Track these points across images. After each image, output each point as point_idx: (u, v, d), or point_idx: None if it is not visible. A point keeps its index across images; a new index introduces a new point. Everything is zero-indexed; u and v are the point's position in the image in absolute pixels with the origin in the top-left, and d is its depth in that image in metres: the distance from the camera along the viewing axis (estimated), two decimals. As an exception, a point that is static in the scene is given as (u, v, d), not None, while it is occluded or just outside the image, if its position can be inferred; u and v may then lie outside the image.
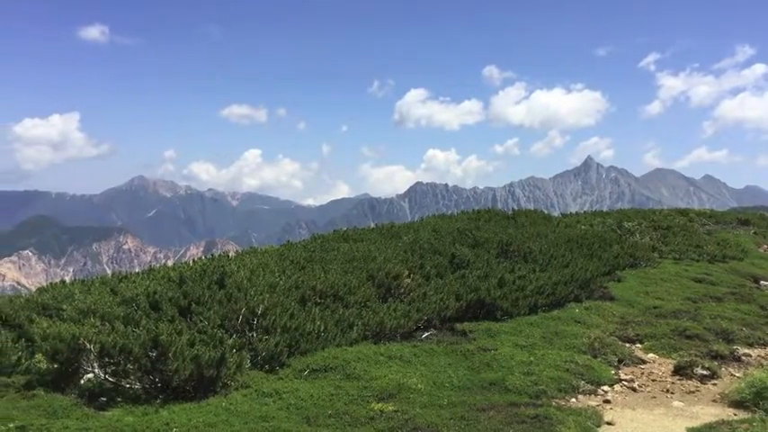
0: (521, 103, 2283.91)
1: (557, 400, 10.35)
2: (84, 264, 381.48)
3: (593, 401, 10.66)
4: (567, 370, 11.63)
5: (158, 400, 9.59)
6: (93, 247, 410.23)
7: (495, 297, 15.11)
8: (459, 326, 14.20)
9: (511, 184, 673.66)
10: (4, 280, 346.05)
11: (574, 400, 10.61)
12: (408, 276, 15.71)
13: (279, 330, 11.64)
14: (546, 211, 32.23)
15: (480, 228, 22.54)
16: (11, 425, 8.35)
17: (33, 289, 19.92)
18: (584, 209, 41.66)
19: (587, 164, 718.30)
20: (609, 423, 9.69)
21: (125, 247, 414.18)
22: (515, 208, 31.49)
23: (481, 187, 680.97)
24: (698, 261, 24.07)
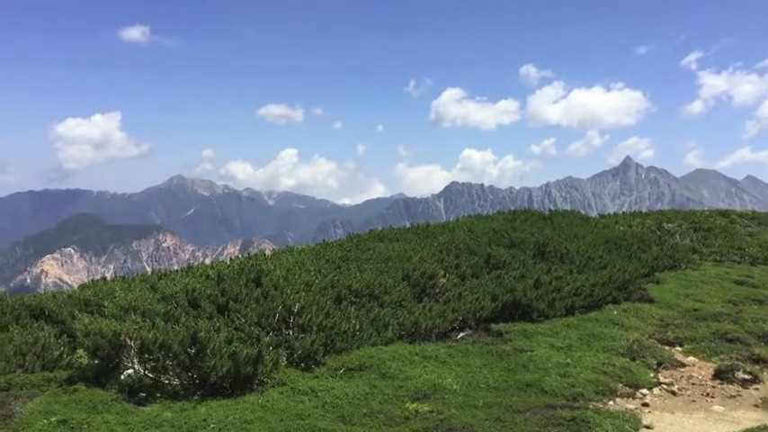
0: (558, 103, 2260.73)
1: (594, 403, 10.24)
2: (125, 261, 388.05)
3: (631, 405, 10.52)
4: (605, 372, 11.49)
5: (196, 397, 9.73)
6: (134, 245, 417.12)
7: (532, 298, 15.00)
8: (494, 326, 14.13)
9: (547, 185, 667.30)
10: (47, 277, 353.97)
11: (611, 402, 10.49)
12: (444, 276, 15.68)
13: (315, 329, 11.72)
14: (583, 212, 31.88)
15: (516, 228, 22.38)
16: (53, 419, 8.56)
17: (75, 286, 20.33)
18: (623, 210, 41.09)
19: (626, 164, 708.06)
20: (647, 427, 9.55)
21: (164, 245, 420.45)
22: (552, 208, 31.18)
23: (517, 187, 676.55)
24: (739, 263, 23.61)
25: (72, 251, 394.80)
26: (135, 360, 10.07)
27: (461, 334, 13.78)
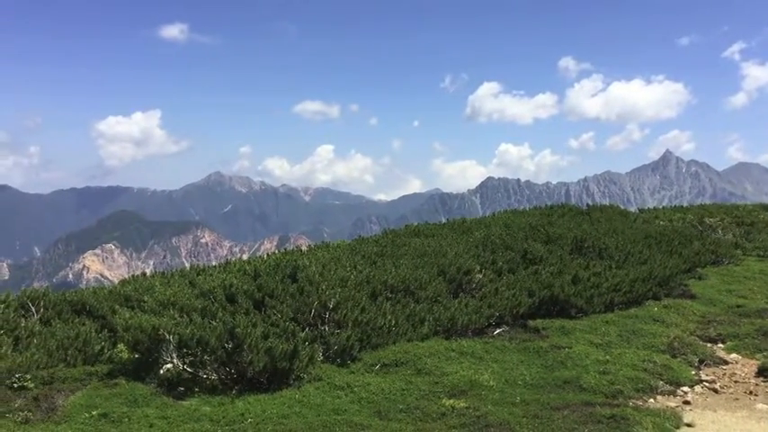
0: (597, 96, 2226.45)
1: (634, 401, 10.08)
2: (164, 257, 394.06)
3: (671, 402, 10.32)
4: (645, 370, 11.30)
5: (234, 391, 9.83)
6: (173, 241, 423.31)
7: (570, 294, 14.83)
8: (531, 323, 14.01)
9: (585, 179, 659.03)
10: (88, 272, 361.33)
11: (652, 400, 10.31)
12: (480, 272, 15.59)
13: (350, 324, 11.74)
14: (622, 207, 31.43)
15: (553, 223, 22.15)
16: (94, 412, 8.71)
17: (116, 281, 20.69)
18: (663, 204, 40.44)
19: (666, 158, 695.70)
20: (688, 425, 9.36)
21: (202, 241, 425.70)
22: (590, 203, 30.80)
23: (554, 182, 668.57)
24: (784, 258, 23.03)
25: (113, 247, 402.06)
26: (174, 355, 10.20)
27: (498, 330, 13.69)
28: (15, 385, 9.45)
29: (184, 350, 10.14)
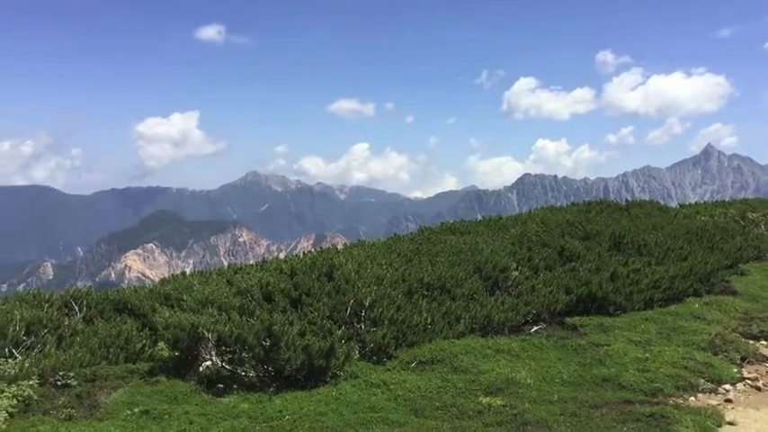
0: (636, 90, 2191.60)
1: (674, 399, 9.94)
2: (203, 256, 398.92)
3: (713, 400, 10.15)
4: (686, 367, 11.13)
5: (271, 388, 9.93)
6: (211, 240, 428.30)
7: (608, 291, 14.65)
8: (569, 320, 13.89)
9: (624, 174, 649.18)
10: (130, 271, 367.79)
11: (692, 398, 10.15)
12: (516, 269, 15.49)
13: (386, 322, 11.77)
14: (662, 202, 30.91)
15: (591, 220, 21.88)
16: (136, 409, 8.88)
17: (156, 280, 21.04)
18: (704, 199, 39.63)
19: (708, 152, 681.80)
20: (730, 423, 9.20)
21: (240, 240, 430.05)
22: (629, 199, 30.36)
23: (592, 178, 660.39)
24: (830, 254, 22.41)
25: (153, 247, 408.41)
26: (213, 352, 10.35)
27: (535, 328, 13.60)
28: (59, 383, 9.68)
29: (223, 348, 10.29)
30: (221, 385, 10.08)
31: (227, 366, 10.33)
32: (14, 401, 8.78)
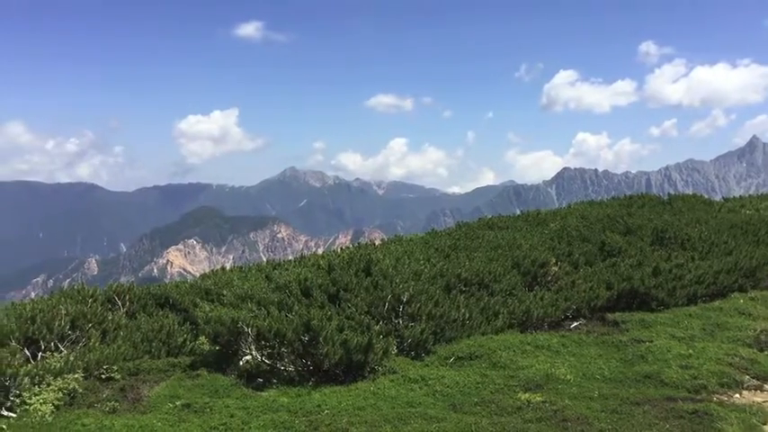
0: (679, 81, 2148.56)
1: (718, 396, 9.73)
2: (243, 251, 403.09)
3: (758, 398, 9.91)
4: (730, 364, 10.89)
5: (310, 383, 9.99)
6: (251, 236, 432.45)
7: (650, 286, 14.43)
8: (610, 316, 13.71)
9: (667, 168, 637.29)
10: (172, 267, 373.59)
11: (737, 395, 9.93)
12: (555, 264, 15.34)
13: (424, 317, 11.75)
14: (706, 196, 30.29)
15: (632, 214, 21.56)
16: (178, 402, 9.01)
17: (197, 275, 21.35)
18: (749, 192, 38.69)
19: (753, 144, 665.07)
20: (777, 422, 8.97)
21: (279, 235, 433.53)
22: (671, 193, 29.82)
23: (634, 172, 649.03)
24: None
25: (194, 242, 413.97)
26: (252, 347, 10.44)
27: (575, 323, 13.45)
28: (103, 376, 9.88)
29: (262, 342, 10.38)
30: (261, 379, 10.17)
31: (266, 361, 10.42)
32: (60, 394, 8.99)
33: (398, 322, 11.75)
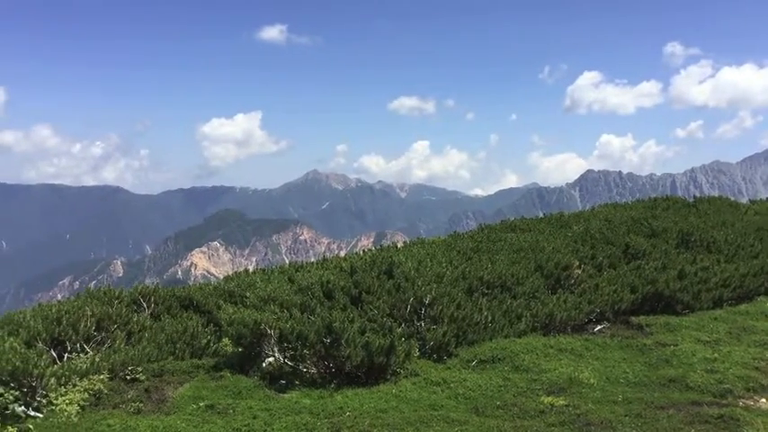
0: (705, 83, 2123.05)
1: (744, 401, 9.60)
2: (266, 254, 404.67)
3: (786, 404, 9.77)
4: (757, 368, 10.75)
5: (332, 385, 10.01)
6: (273, 239, 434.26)
7: (675, 290, 14.29)
8: (634, 319, 13.60)
9: (692, 170, 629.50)
10: (195, 269, 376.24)
11: (763, 400, 9.79)
12: (579, 267, 15.23)
13: (446, 320, 11.74)
14: (732, 198, 29.91)
15: (657, 216, 21.34)
16: (201, 403, 9.09)
17: (221, 277, 21.51)
18: (777, 194, 38.07)
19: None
20: (806, 428, 8.83)
21: (301, 238, 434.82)
22: (697, 195, 29.48)
23: (659, 174, 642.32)
24: None
25: (218, 245, 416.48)
26: (275, 349, 10.50)
27: (598, 327, 13.36)
28: (128, 377, 9.98)
29: (285, 344, 10.43)
30: (283, 381, 10.21)
31: (288, 362, 10.47)
32: (86, 395, 9.10)
33: (420, 325, 11.75)
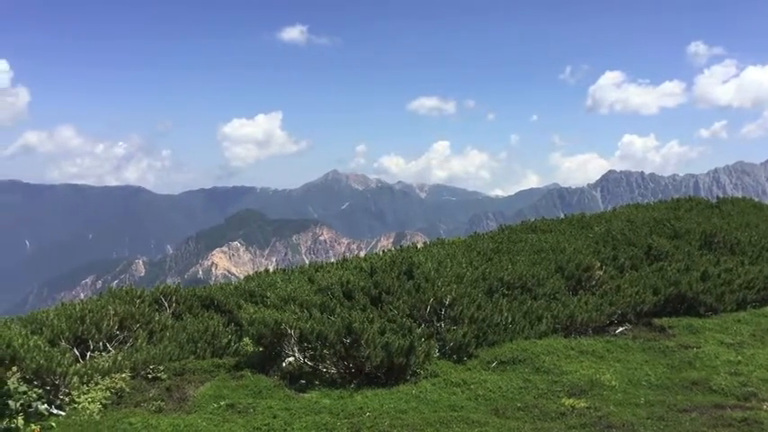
0: (729, 82, 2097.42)
1: (769, 404, 9.48)
2: (286, 254, 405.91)
3: (812, 408, 9.62)
4: (781, 371, 10.60)
5: (352, 385, 10.03)
6: (293, 239, 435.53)
7: (698, 291, 14.13)
8: (656, 321, 13.48)
9: (716, 171, 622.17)
10: (216, 269, 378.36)
11: (789, 404, 9.65)
12: (600, 268, 15.12)
13: (466, 321, 11.71)
14: (756, 199, 29.52)
15: (680, 217, 21.12)
16: (222, 402, 9.14)
17: (241, 277, 21.61)
18: (803, 195, 37.56)
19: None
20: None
21: (321, 238, 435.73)
22: (720, 196, 29.14)
23: (681, 174, 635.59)
24: None
25: (239, 245, 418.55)
26: (295, 348, 10.53)
27: (620, 328, 13.25)
28: (150, 376, 10.06)
29: (305, 344, 10.46)
30: (303, 381, 10.25)
31: (308, 362, 10.50)
32: (108, 393, 9.20)
33: (440, 325, 11.73)
